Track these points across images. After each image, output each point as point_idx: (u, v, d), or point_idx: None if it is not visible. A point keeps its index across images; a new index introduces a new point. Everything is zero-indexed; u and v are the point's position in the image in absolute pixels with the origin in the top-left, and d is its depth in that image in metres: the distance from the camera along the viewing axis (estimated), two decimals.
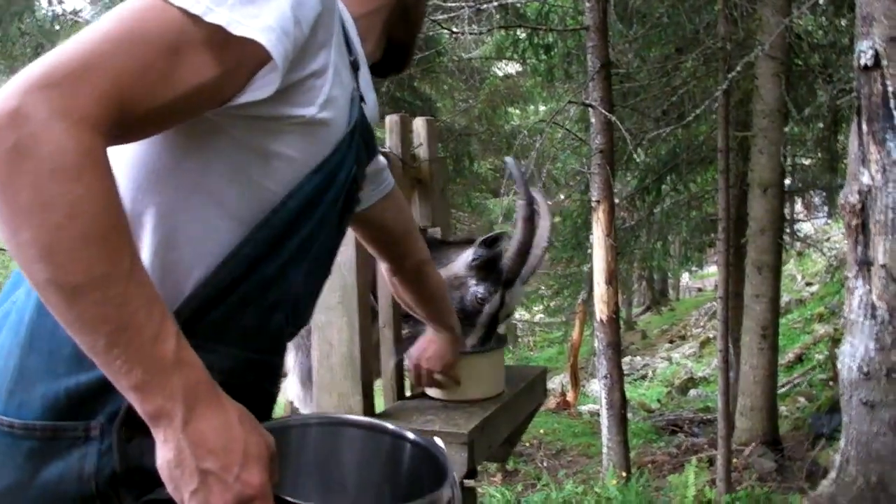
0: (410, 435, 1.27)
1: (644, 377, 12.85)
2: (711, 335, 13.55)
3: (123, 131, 0.88)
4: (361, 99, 1.26)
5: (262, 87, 0.96)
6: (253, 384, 1.15)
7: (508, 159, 2.50)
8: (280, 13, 0.95)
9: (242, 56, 0.94)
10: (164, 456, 0.89)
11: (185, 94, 0.90)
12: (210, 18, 0.90)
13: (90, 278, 0.82)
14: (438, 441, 1.27)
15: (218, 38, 0.91)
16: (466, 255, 2.31)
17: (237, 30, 0.92)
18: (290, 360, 2.57)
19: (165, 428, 0.88)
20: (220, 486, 0.88)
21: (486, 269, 2.29)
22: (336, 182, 1.15)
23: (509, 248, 2.29)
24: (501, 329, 2.49)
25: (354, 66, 1.21)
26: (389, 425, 1.30)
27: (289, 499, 0.94)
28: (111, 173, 0.85)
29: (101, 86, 0.83)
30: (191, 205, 1.02)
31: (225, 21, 0.91)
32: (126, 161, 1.01)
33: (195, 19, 0.90)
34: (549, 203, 2.67)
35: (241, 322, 1.09)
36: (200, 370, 0.90)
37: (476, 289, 2.29)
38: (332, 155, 1.11)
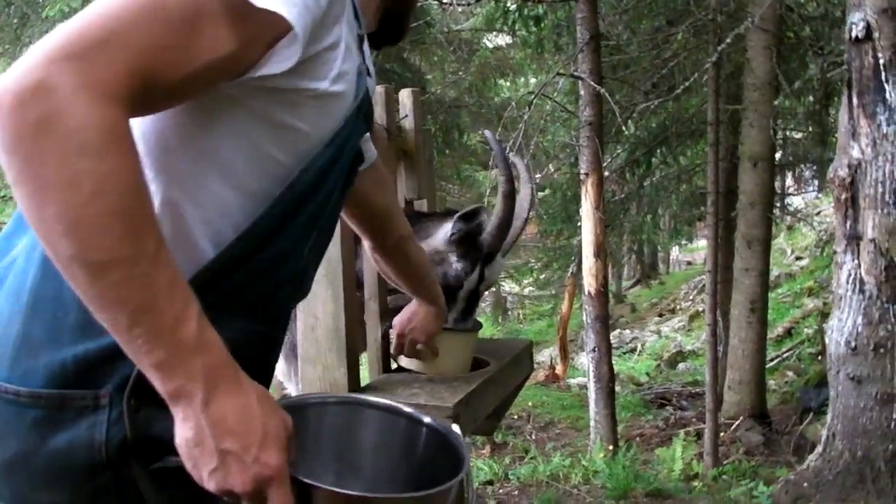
0: (427, 419, 1.28)
1: (633, 350, 12.88)
2: (701, 309, 13.58)
3: (145, 104, 0.88)
4: (368, 72, 1.27)
5: (283, 60, 0.96)
6: (257, 357, 1.16)
7: (487, 133, 2.49)
8: None
9: (262, 28, 0.93)
10: (183, 434, 0.89)
11: (206, 65, 0.90)
12: None
13: (115, 257, 0.81)
14: (456, 428, 1.27)
15: (240, 9, 0.90)
16: (446, 230, 2.29)
17: (260, 1, 0.91)
18: None
19: (185, 407, 0.88)
20: (239, 467, 0.89)
21: (466, 243, 2.27)
22: (344, 155, 1.16)
23: (489, 223, 2.28)
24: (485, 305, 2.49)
25: (360, 40, 1.21)
26: (406, 408, 1.29)
27: (305, 480, 0.95)
28: (135, 149, 0.85)
29: (125, 59, 0.82)
30: (205, 178, 1.02)
31: None
32: (140, 133, 0.98)
33: None
34: (530, 173, 2.64)
35: (252, 295, 1.10)
36: (221, 351, 0.91)
37: (456, 264, 2.28)
38: (342, 128, 1.11)
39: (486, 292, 2.49)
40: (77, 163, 0.78)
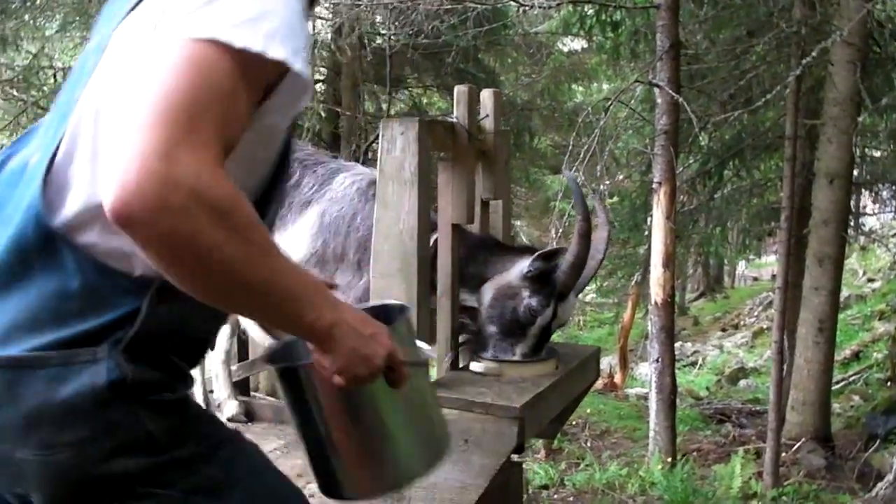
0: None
1: (693, 364, 12.70)
2: (765, 325, 13.33)
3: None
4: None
5: (288, 93, 1.13)
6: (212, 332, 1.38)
7: (568, 174, 2.52)
8: (299, 22, 1.10)
9: (276, 73, 1.08)
10: (345, 346, 1.16)
11: (249, 115, 1.07)
12: (272, 54, 1.03)
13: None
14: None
15: (256, 63, 1.04)
16: (521, 266, 2.32)
17: (273, 52, 1.04)
18: None
19: (337, 330, 1.15)
20: (376, 351, 1.19)
21: (541, 280, 2.29)
22: (293, 125, 1.30)
23: (564, 262, 2.29)
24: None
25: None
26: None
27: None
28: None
29: (216, 137, 0.99)
30: None
31: (284, 55, 1.05)
32: None
33: (253, 55, 1.02)
34: (608, 214, 2.66)
35: None
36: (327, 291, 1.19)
37: (529, 300, 2.30)
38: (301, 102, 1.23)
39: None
40: (253, 234, 1.02)
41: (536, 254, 2.28)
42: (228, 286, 1.03)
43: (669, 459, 5.38)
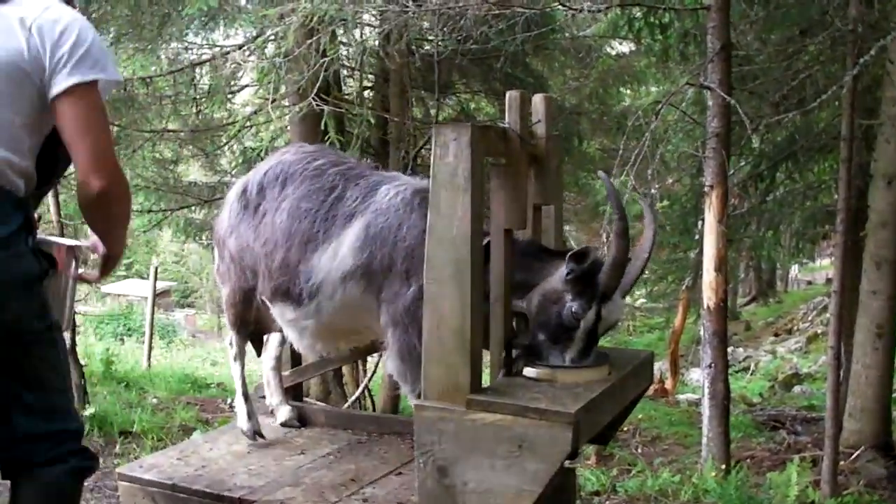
0: None
1: (746, 369, 12.53)
2: (820, 331, 13.10)
3: None
4: None
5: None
6: None
7: (602, 173, 2.49)
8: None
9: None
10: None
11: None
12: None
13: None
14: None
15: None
16: (563, 269, 2.30)
17: None
18: (389, 335, 2.61)
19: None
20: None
21: (582, 282, 2.27)
22: None
23: (605, 263, 2.27)
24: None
25: None
26: None
27: None
28: None
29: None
30: None
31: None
32: None
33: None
34: (654, 214, 2.63)
35: None
36: None
37: (571, 303, 2.28)
38: None
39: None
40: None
41: (568, 255, 2.26)
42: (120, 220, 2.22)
43: (723, 466, 5.29)
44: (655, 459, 6.42)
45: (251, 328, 3.20)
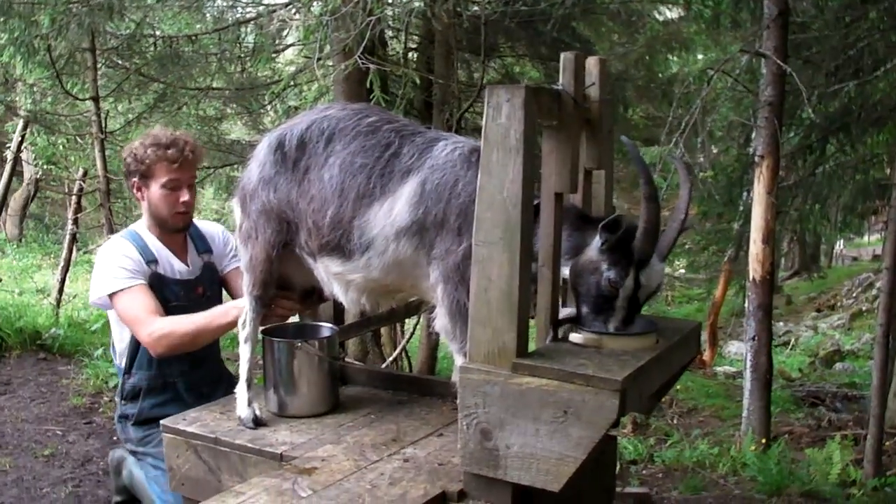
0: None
1: (786, 344, 12.37)
2: (865, 308, 12.89)
3: None
4: None
5: None
6: None
7: (624, 138, 2.44)
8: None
9: None
10: None
11: None
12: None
13: None
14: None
15: None
16: (598, 239, 2.26)
17: None
18: (439, 291, 2.58)
19: None
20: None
21: (619, 250, 2.23)
22: None
23: (638, 229, 2.23)
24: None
25: None
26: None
27: None
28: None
29: None
30: None
31: None
32: None
33: None
34: (690, 172, 2.56)
35: None
36: None
37: (608, 272, 2.25)
38: None
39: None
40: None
41: (601, 225, 2.22)
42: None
43: (763, 440, 5.24)
44: (693, 431, 6.38)
45: (271, 293, 3.11)
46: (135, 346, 3.53)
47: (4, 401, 6.08)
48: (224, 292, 3.82)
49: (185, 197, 3.53)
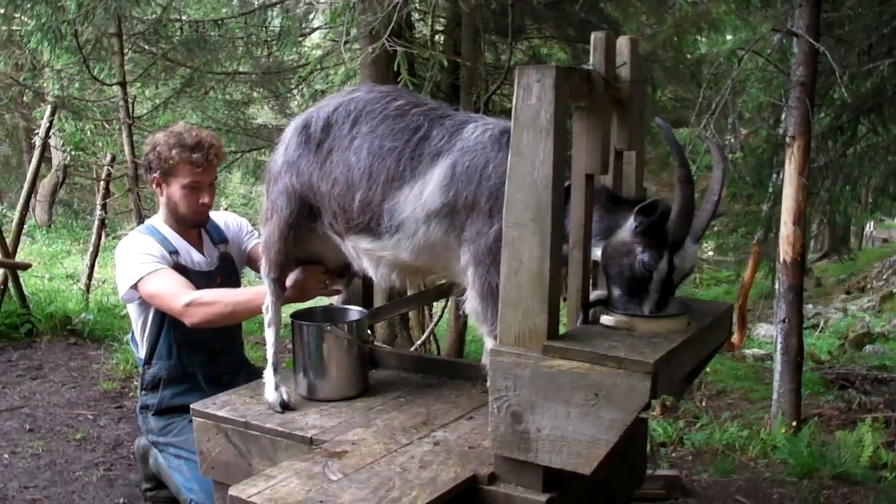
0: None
1: (815, 326, 12.26)
2: (895, 290, 12.73)
3: None
4: None
5: None
6: None
7: (659, 119, 2.39)
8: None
9: None
10: None
11: None
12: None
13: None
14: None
15: None
16: (632, 221, 2.24)
17: None
18: (470, 274, 2.57)
19: None
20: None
21: (652, 233, 2.21)
22: None
23: (672, 212, 2.20)
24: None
25: None
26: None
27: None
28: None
29: None
30: None
31: None
32: None
33: None
34: (722, 153, 2.52)
35: None
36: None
37: (642, 255, 2.23)
38: None
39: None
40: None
41: (636, 209, 2.20)
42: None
43: (794, 423, 5.21)
44: (723, 414, 6.35)
45: (289, 271, 3.11)
46: (155, 336, 3.57)
47: (36, 385, 6.16)
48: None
49: (204, 199, 3.58)
